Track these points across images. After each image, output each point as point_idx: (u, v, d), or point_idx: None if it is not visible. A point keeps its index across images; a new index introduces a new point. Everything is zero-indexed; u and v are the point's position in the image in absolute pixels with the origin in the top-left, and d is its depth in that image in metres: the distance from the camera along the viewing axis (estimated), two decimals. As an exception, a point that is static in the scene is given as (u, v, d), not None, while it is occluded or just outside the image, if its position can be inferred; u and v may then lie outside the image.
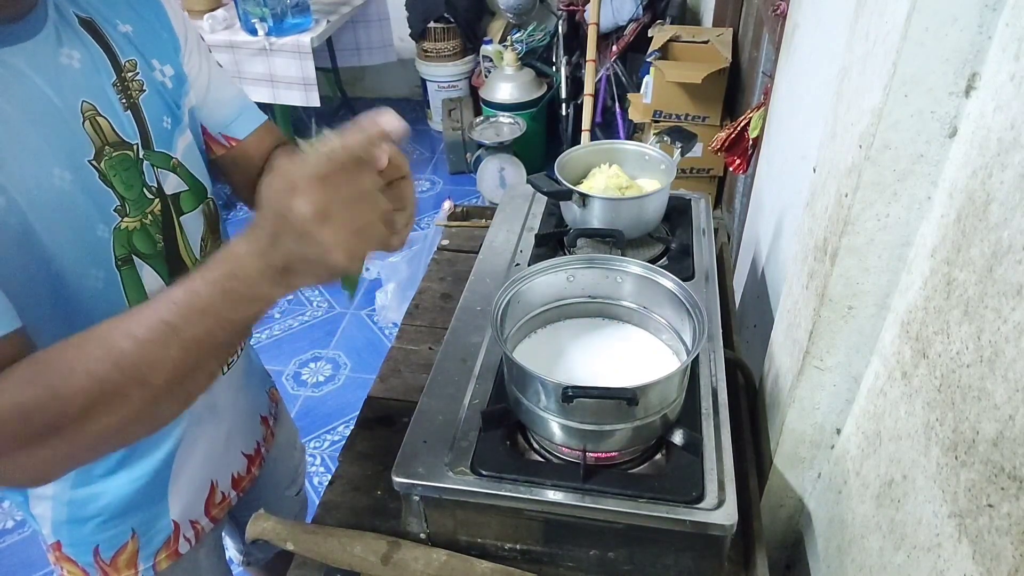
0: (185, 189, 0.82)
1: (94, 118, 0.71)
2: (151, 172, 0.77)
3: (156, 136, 0.78)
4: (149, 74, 0.78)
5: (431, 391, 0.90)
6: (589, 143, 1.27)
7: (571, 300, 0.95)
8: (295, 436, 1.25)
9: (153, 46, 0.79)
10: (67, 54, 0.70)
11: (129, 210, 0.74)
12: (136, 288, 0.76)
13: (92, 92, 0.71)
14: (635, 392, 0.73)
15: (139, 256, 0.76)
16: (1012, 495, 0.46)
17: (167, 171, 0.79)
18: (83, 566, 0.88)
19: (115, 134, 0.73)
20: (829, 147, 0.79)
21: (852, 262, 0.71)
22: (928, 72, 0.59)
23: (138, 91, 0.76)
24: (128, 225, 0.74)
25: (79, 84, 0.70)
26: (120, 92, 0.74)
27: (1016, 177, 0.49)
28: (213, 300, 0.55)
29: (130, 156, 0.74)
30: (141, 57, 0.77)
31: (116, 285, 0.74)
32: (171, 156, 0.80)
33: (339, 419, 2.36)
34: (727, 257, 1.29)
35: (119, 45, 0.75)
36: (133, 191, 0.75)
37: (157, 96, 0.78)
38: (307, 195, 0.50)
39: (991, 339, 0.50)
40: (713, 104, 2.57)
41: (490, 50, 3.63)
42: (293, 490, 1.23)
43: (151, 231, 0.77)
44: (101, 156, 0.71)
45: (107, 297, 0.73)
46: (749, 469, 0.91)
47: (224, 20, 2.97)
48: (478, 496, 0.77)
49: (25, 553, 1.92)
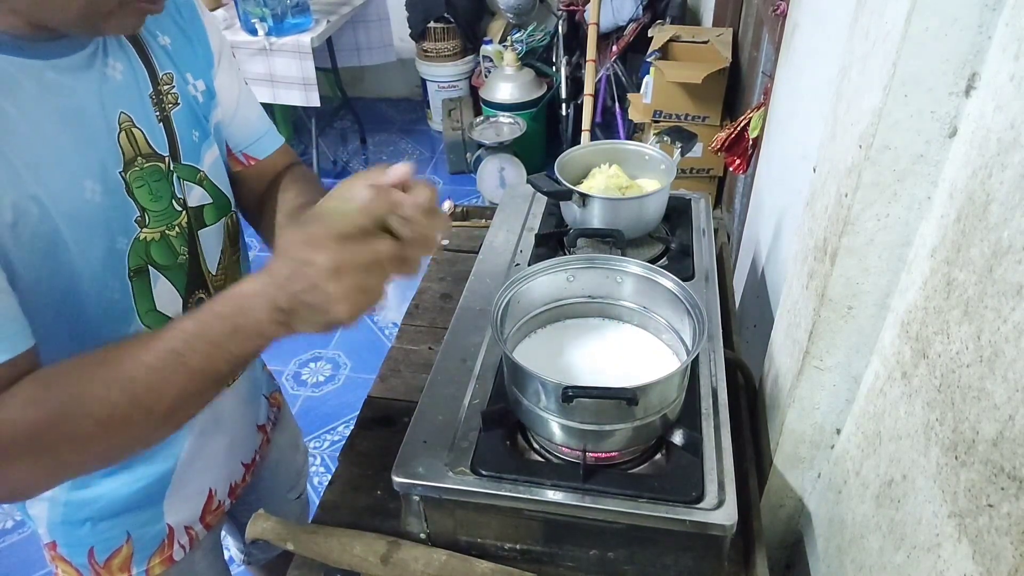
0: (209, 202, 0.83)
1: (130, 129, 0.72)
2: (179, 185, 0.78)
3: (185, 149, 0.79)
4: (183, 88, 0.79)
5: (431, 391, 0.90)
6: (589, 143, 1.27)
7: (571, 300, 0.95)
8: (298, 438, 1.23)
9: (189, 60, 0.80)
10: (112, 65, 0.71)
11: (149, 221, 0.75)
12: (146, 298, 0.76)
13: (130, 103, 0.72)
14: (635, 392, 0.73)
15: (156, 267, 0.76)
16: (1012, 495, 0.46)
17: (193, 184, 0.80)
18: (77, 567, 0.87)
19: (148, 146, 0.74)
20: (829, 147, 0.79)
21: (852, 262, 0.71)
22: (928, 72, 0.59)
23: (172, 104, 0.77)
24: (147, 236, 0.75)
25: (119, 95, 0.71)
26: (155, 104, 0.75)
27: (1016, 177, 0.49)
28: (222, 333, 0.58)
29: (161, 168, 0.75)
30: (177, 70, 0.78)
31: (128, 295, 0.74)
32: (199, 169, 0.81)
33: (339, 419, 2.36)
34: (727, 257, 1.29)
35: (158, 57, 0.76)
36: (161, 203, 0.75)
37: (189, 110, 0.79)
38: (327, 252, 0.54)
39: (991, 339, 0.50)
40: (713, 104, 2.57)
41: (490, 50, 3.64)
42: (294, 494, 1.22)
43: (175, 243, 0.78)
44: (130, 167, 0.72)
45: (120, 307, 0.74)
46: (749, 469, 0.91)
47: (224, 20, 2.98)
48: (478, 496, 0.77)
49: (25, 553, 1.92)
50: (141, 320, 0.76)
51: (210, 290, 0.84)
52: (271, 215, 0.89)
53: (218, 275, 0.85)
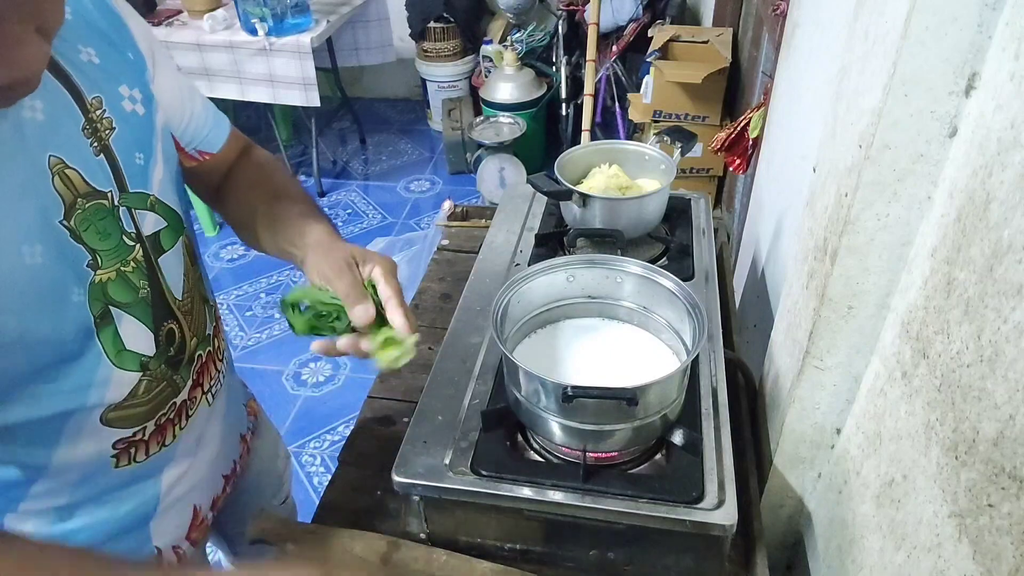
0: (164, 226, 0.77)
1: (63, 171, 0.64)
2: (128, 217, 0.71)
3: (130, 177, 0.72)
4: (118, 106, 0.71)
5: (431, 391, 0.90)
6: (589, 143, 1.27)
7: (571, 300, 0.95)
8: (278, 443, 1.19)
9: (119, 70, 0.73)
10: (31, 107, 0.62)
11: (102, 262, 0.68)
12: (114, 342, 0.71)
13: (59, 143, 0.64)
14: (635, 392, 0.73)
15: (118, 306, 0.70)
16: (1012, 495, 0.46)
17: (145, 210, 0.74)
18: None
19: (87, 184, 0.66)
20: (829, 147, 0.79)
21: (852, 262, 0.71)
22: (928, 72, 0.59)
23: (107, 130, 0.70)
24: (101, 277, 0.68)
25: (45, 138, 0.63)
26: (90, 135, 0.67)
27: (1016, 177, 0.49)
28: None
29: (105, 205, 0.68)
30: (108, 87, 0.71)
31: (95, 345, 0.69)
32: (148, 194, 0.74)
33: (339, 419, 2.36)
34: (727, 257, 1.29)
35: (83, 79, 0.68)
36: (110, 241, 0.69)
37: (128, 131, 0.72)
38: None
39: (991, 339, 0.50)
40: (713, 104, 2.57)
41: (490, 50, 3.64)
42: (279, 499, 1.19)
43: (132, 279, 0.72)
44: (72, 212, 0.65)
45: (87, 360, 0.69)
46: (749, 469, 0.91)
47: (224, 20, 2.98)
48: (478, 496, 0.77)
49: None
50: (113, 363, 0.71)
51: (178, 318, 0.78)
52: (242, 212, 0.88)
53: (184, 300, 0.80)
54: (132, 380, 0.73)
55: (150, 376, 0.75)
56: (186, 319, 0.80)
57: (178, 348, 0.79)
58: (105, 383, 0.70)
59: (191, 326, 0.81)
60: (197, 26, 2.98)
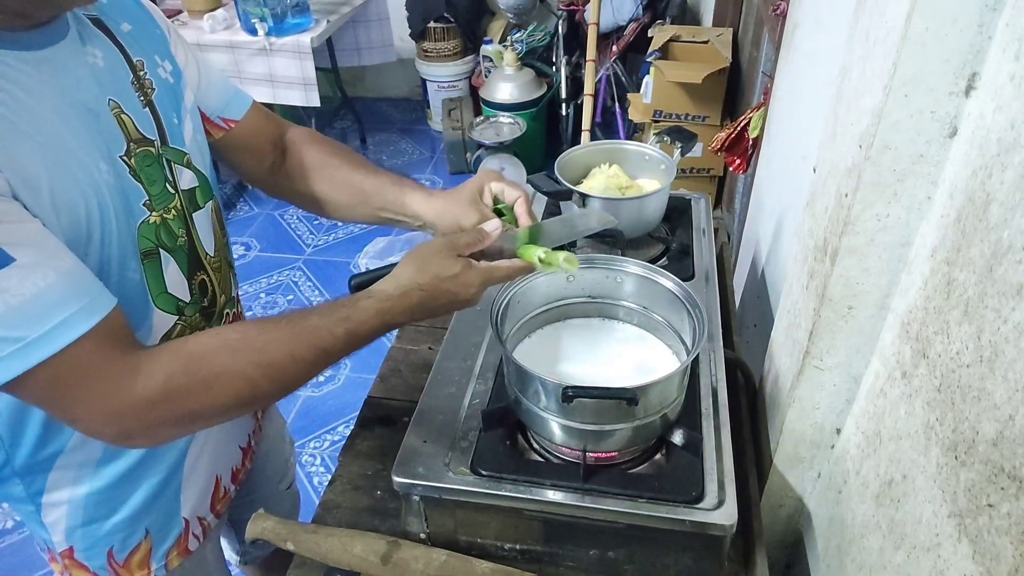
0: (197, 184, 0.84)
1: (119, 115, 0.73)
2: (168, 168, 0.79)
3: (170, 133, 0.79)
4: (155, 71, 0.80)
5: (431, 391, 0.90)
6: (589, 143, 1.27)
7: (571, 300, 0.95)
8: (284, 428, 1.25)
9: (150, 44, 0.81)
10: (92, 53, 0.71)
11: (154, 205, 0.76)
12: (158, 281, 0.77)
13: (116, 90, 0.73)
14: (635, 392, 0.73)
15: (165, 249, 0.77)
16: (1012, 495, 0.46)
17: (182, 167, 0.81)
18: (95, 570, 0.87)
19: (138, 131, 0.75)
20: (829, 147, 0.79)
21: (852, 262, 0.71)
22: (928, 72, 0.59)
23: (151, 89, 0.78)
24: (154, 219, 0.76)
25: (106, 82, 0.72)
26: (138, 90, 0.76)
27: (1016, 177, 0.49)
28: (371, 333, 0.72)
29: (152, 152, 0.76)
30: (146, 54, 0.79)
31: (142, 277, 0.75)
32: (184, 152, 0.81)
33: (339, 419, 2.36)
34: (727, 257, 1.29)
35: (127, 44, 0.77)
36: (157, 186, 0.76)
37: (165, 93, 0.80)
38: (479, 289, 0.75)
39: (991, 339, 0.50)
40: (713, 104, 2.57)
41: (490, 50, 3.63)
42: (285, 484, 1.24)
43: (173, 226, 0.79)
44: (131, 152, 0.73)
45: (139, 289, 0.75)
46: (749, 469, 0.91)
47: (224, 20, 2.97)
48: (478, 496, 0.77)
49: (25, 553, 1.92)
50: (154, 302, 0.76)
51: (208, 272, 0.85)
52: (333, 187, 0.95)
53: (214, 257, 0.86)
54: (168, 323, 0.79)
55: (184, 323, 0.81)
56: (216, 275, 0.86)
57: (210, 300, 0.85)
58: (147, 324, 0.76)
59: (220, 283, 0.87)
60: (197, 26, 2.98)
